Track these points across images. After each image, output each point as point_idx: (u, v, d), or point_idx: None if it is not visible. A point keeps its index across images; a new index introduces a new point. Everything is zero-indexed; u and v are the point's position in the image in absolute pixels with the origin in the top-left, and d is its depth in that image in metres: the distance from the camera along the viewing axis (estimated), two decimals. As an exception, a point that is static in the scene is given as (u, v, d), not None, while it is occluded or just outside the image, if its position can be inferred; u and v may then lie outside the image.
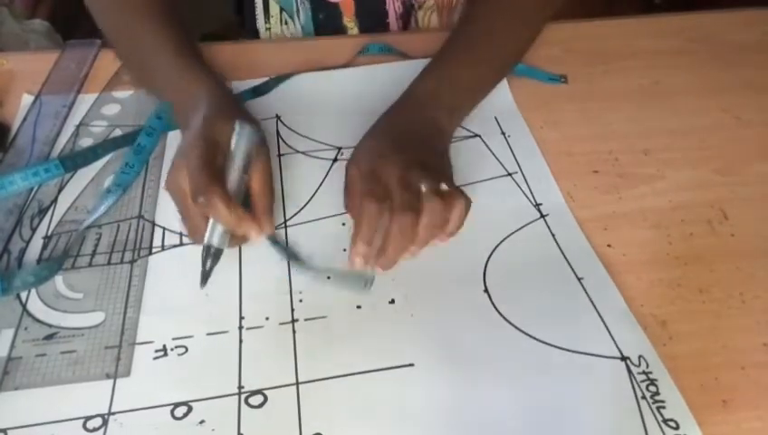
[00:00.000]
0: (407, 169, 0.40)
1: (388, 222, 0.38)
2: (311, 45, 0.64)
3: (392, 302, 0.41)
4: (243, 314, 0.40)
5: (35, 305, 0.40)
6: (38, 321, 0.39)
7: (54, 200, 0.47)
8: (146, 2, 0.52)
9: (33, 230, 0.45)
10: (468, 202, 0.40)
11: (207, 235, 0.40)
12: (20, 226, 0.45)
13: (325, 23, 0.68)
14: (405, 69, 0.59)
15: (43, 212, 0.46)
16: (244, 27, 0.72)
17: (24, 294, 0.41)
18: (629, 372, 0.37)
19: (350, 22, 0.68)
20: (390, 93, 0.54)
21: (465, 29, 0.56)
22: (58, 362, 0.38)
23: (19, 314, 0.40)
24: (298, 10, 0.67)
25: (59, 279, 0.42)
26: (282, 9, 0.67)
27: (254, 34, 0.70)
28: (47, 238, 0.44)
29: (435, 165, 0.43)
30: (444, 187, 0.39)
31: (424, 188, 0.39)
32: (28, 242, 0.44)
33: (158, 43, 0.50)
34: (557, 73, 0.59)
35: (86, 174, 0.49)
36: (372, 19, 0.68)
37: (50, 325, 0.39)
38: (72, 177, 0.49)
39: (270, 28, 0.69)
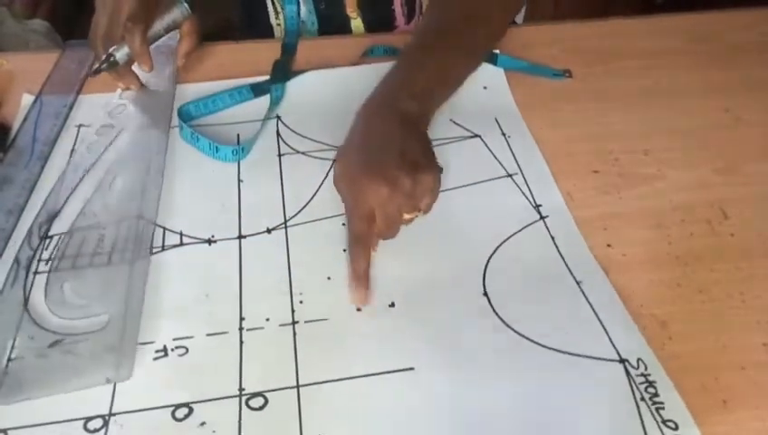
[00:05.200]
0: (387, 198, 0.41)
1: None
2: (312, 45, 0.64)
3: (392, 305, 0.41)
4: (243, 315, 0.40)
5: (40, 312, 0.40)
6: (43, 329, 0.39)
7: (62, 207, 0.46)
8: None
9: (42, 238, 0.44)
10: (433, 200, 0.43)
11: (115, 47, 0.52)
12: (29, 234, 0.45)
13: (327, 13, 0.67)
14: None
15: (51, 220, 0.45)
16: (250, 26, 0.71)
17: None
18: (628, 374, 0.37)
19: (352, 12, 0.67)
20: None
21: (435, 15, 0.54)
22: (59, 367, 0.37)
23: (19, 321, 0.39)
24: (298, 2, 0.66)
25: (67, 286, 0.41)
26: None
27: (266, 32, 0.70)
28: (48, 238, 0.44)
29: (408, 170, 0.42)
30: (417, 211, 0.43)
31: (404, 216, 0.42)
32: (36, 250, 0.44)
33: None
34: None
35: (93, 180, 0.49)
36: (376, 9, 0.67)
37: (54, 332, 0.39)
38: (79, 183, 0.48)
39: (280, 24, 0.68)
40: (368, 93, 0.45)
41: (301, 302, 0.41)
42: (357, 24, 0.68)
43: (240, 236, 0.45)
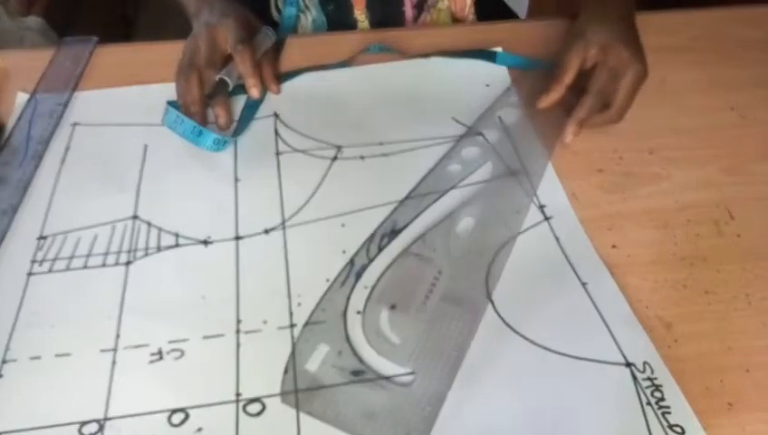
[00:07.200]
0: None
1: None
2: (310, 42, 0.63)
3: (393, 308, 0.40)
4: (240, 318, 0.39)
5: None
6: (351, 348, 0.38)
7: (409, 223, 0.44)
8: None
9: (380, 249, 0.43)
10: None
11: (224, 72, 0.51)
12: (369, 241, 0.43)
13: (335, 15, 0.66)
14: (404, 68, 0.58)
15: (395, 234, 0.43)
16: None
17: None
18: (634, 378, 0.37)
19: (360, 14, 0.67)
20: (389, 92, 0.53)
21: None
22: (352, 403, 0.35)
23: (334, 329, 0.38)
24: (306, 5, 0.66)
25: (384, 315, 0.39)
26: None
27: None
28: (43, 238, 0.44)
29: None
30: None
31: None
32: (371, 260, 0.42)
33: None
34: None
35: (443, 206, 0.46)
36: (386, 9, 0.66)
37: (359, 359, 0.37)
38: (433, 202, 0.46)
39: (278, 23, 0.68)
40: (366, 92, 0.44)
41: (299, 304, 0.40)
42: (364, 26, 0.67)
43: (237, 238, 0.44)
